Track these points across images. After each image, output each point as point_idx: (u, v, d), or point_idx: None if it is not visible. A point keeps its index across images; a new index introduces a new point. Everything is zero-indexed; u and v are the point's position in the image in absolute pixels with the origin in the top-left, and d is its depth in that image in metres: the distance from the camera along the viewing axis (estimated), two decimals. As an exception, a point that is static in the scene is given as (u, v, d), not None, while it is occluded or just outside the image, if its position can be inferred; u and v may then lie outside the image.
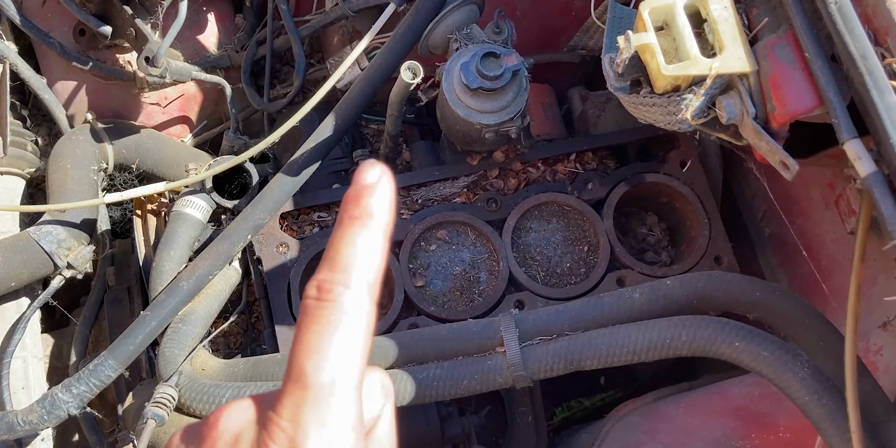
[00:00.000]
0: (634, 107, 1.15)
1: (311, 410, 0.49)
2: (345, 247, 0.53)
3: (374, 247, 0.53)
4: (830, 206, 1.58)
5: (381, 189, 0.54)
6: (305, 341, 0.51)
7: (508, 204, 1.64)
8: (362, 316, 0.52)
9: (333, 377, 0.50)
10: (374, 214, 0.53)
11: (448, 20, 1.52)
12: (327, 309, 0.51)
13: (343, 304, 0.51)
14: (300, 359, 0.50)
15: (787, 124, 1.00)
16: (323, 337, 0.51)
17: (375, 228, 0.53)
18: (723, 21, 1.01)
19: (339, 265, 0.53)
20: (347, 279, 0.52)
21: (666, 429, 1.62)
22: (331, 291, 0.52)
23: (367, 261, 0.53)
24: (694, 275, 1.36)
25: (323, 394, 0.50)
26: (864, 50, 0.90)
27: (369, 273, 0.53)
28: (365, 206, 0.54)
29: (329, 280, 0.52)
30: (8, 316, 1.67)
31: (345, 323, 0.51)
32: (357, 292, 0.52)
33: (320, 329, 0.51)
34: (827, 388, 1.17)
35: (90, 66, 1.80)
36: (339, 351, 0.51)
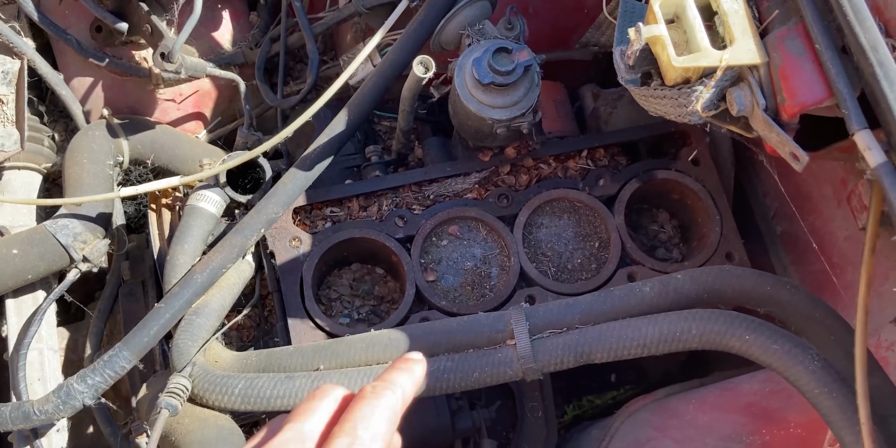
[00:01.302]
0: (645, 99, 1.15)
1: None
2: (394, 374, 0.74)
3: (409, 383, 0.74)
4: (842, 203, 1.58)
5: (419, 364, 0.76)
6: (357, 408, 0.69)
7: (520, 200, 1.65)
8: (396, 410, 0.71)
9: (374, 435, 0.68)
10: (413, 370, 0.76)
11: (460, 16, 1.53)
12: (377, 395, 0.70)
13: (386, 396, 0.71)
14: (353, 419, 0.68)
15: (797, 116, 1.01)
16: (372, 409, 0.69)
17: (414, 377, 0.75)
18: (733, 13, 1.01)
19: (388, 380, 0.73)
20: (393, 387, 0.72)
21: (676, 425, 1.62)
22: (382, 388, 0.72)
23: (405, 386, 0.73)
24: (704, 269, 1.36)
25: (366, 444, 0.66)
26: (875, 41, 0.91)
27: (406, 392, 0.73)
28: (409, 363, 0.76)
29: (380, 386, 0.72)
30: (24, 308, 1.69)
31: (386, 405, 0.70)
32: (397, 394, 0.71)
33: (370, 404, 0.69)
34: (837, 382, 1.17)
35: (106, 62, 1.82)
36: (380, 420, 0.69)
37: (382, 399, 0.70)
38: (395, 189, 1.67)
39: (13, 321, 1.68)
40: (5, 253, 1.60)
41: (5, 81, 1.74)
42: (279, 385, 1.36)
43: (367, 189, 1.65)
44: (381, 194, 1.67)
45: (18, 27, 1.80)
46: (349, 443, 0.66)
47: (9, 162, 1.79)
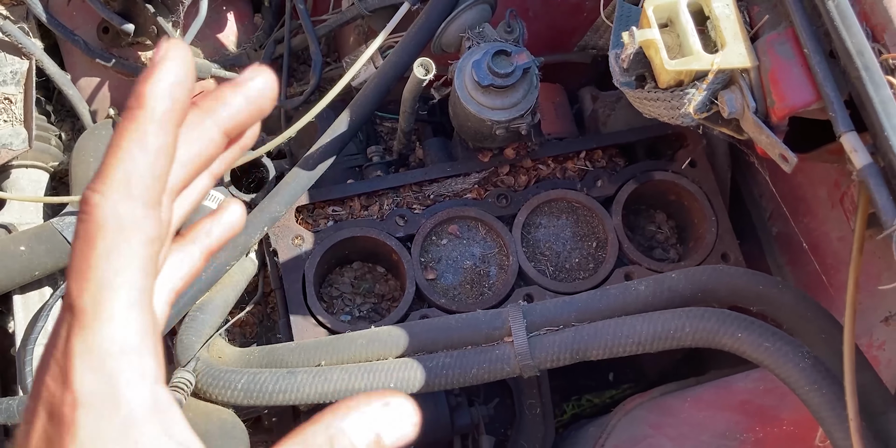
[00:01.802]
0: (639, 101, 1.18)
1: (78, 337, 0.44)
2: (110, 149, 0.46)
3: (144, 145, 0.46)
4: (836, 205, 1.60)
5: (164, 68, 0.46)
6: (72, 264, 0.45)
7: (518, 200, 1.68)
8: (122, 226, 0.45)
9: (95, 300, 0.44)
10: (146, 104, 0.46)
11: (461, 19, 1.56)
12: (85, 223, 0.45)
13: (98, 217, 0.45)
14: (68, 283, 0.45)
15: (786, 118, 1.03)
16: (82, 256, 0.45)
17: (147, 121, 0.46)
18: (724, 18, 1.04)
19: (100, 171, 0.46)
20: (103, 186, 0.45)
21: (672, 422, 1.64)
22: (87, 203, 0.45)
23: (130, 162, 0.45)
24: (698, 268, 1.39)
25: (87, 318, 0.44)
26: (861, 46, 0.93)
27: (133, 174, 0.45)
28: (139, 93, 0.46)
29: (88, 189, 0.46)
30: (31, 304, 1.72)
31: (102, 237, 0.45)
32: (112, 199, 0.45)
33: (80, 248, 0.45)
34: (827, 379, 1.19)
35: (113, 63, 1.85)
36: (97, 270, 0.44)
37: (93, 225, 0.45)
38: (396, 189, 1.69)
39: (20, 317, 1.70)
40: (13, 249, 1.63)
41: (14, 81, 1.77)
42: (281, 380, 1.39)
43: (368, 189, 1.68)
44: (383, 194, 1.69)
45: (27, 28, 1.83)
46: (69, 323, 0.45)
47: (17, 160, 1.82)
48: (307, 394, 1.38)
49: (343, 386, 1.38)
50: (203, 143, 0.51)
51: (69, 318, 0.45)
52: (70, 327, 0.44)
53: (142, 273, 0.45)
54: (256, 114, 0.52)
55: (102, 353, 0.44)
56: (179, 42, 0.48)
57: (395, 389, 0.48)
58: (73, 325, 0.44)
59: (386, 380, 1.37)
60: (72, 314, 0.44)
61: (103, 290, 0.44)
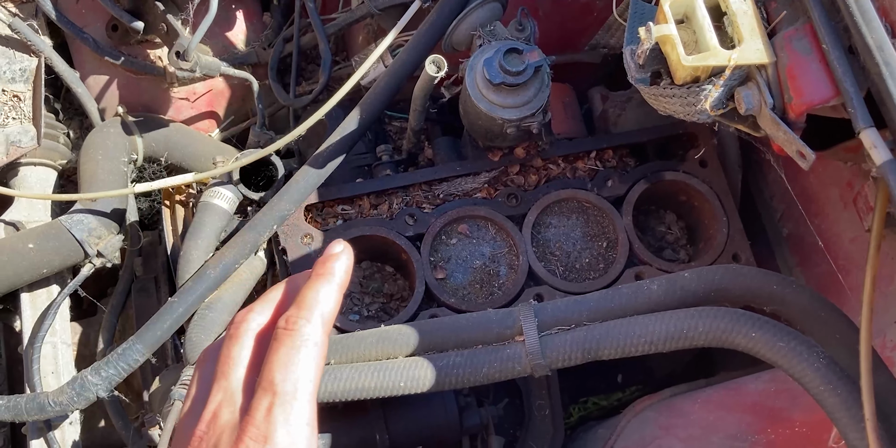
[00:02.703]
0: (654, 98, 1.17)
1: (279, 411, 0.65)
2: (310, 293, 0.72)
3: (331, 296, 0.72)
4: (849, 205, 1.59)
5: (342, 257, 0.75)
6: (275, 359, 0.68)
7: (529, 199, 1.67)
8: (318, 342, 0.69)
9: (296, 386, 0.66)
10: (335, 274, 0.73)
11: (472, 17, 1.55)
12: (292, 336, 0.69)
13: (304, 333, 0.69)
14: (271, 372, 0.67)
15: (804, 114, 1.02)
16: (289, 356, 0.68)
17: (334, 283, 0.73)
18: (742, 13, 1.03)
19: (304, 306, 0.71)
20: (309, 315, 0.70)
21: (682, 424, 1.63)
22: (296, 323, 0.69)
23: (324, 305, 0.71)
24: (711, 268, 1.38)
25: (288, 398, 0.66)
26: (881, 41, 0.92)
27: (325, 313, 0.71)
28: (329, 267, 0.73)
29: (295, 315, 0.70)
30: (39, 302, 1.71)
31: (305, 346, 0.68)
32: (315, 325, 0.70)
33: (287, 351, 0.68)
34: (842, 379, 1.18)
35: (122, 61, 1.85)
36: (300, 367, 0.67)
37: (298, 339, 0.69)
38: (406, 188, 1.69)
39: (28, 315, 1.70)
40: (21, 247, 1.63)
41: (23, 79, 1.77)
42: (290, 379, 1.38)
43: (377, 187, 1.67)
44: (392, 193, 1.69)
45: (36, 25, 1.83)
46: (270, 401, 0.66)
47: (25, 158, 1.82)
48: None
49: (353, 384, 1.37)
50: None
51: (269, 397, 0.66)
52: (272, 404, 0.66)
53: (318, 371, 0.69)
54: None
55: (296, 423, 0.66)
56: (348, 244, 0.77)
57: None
58: (276, 402, 0.66)
59: (396, 378, 1.36)
60: (274, 394, 0.66)
61: (303, 380, 0.67)
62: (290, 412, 0.66)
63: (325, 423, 1.56)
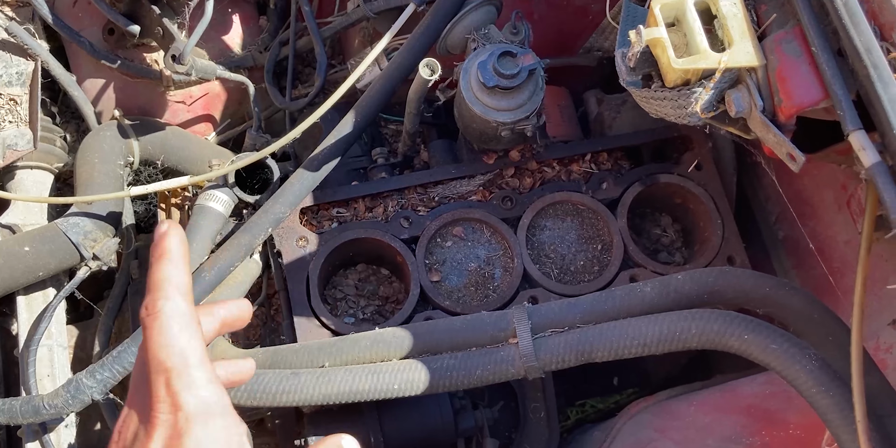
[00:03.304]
0: (646, 101, 1.18)
1: (177, 381, 0.69)
2: (156, 276, 0.73)
3: (178, 270, 0.73)
4: (842, 208, 1.59)
5: (171, 233, 0.76)
6: (151, 344, 0.70)
7: (523, 202, 1.67)
8: (184, 312, 0.71)
9: (183, 356, 0.69)
10: (171, 250, 0.74)
11: (466, 20, 1.56)
12: (157, 317, 0.70)
13: (167, 310, 0.70)
14: (155, 356, 0.69)
15: (793, 117, 1.03)
16: (162, 335, 0.70)
17: (174, 259, 0.74)
18: (732, 16, 1.03)
19: (155, 288, 0.72)
20: (163, 294, 0.71)
21: (677, 426, 1.63)
22: (154, 305, 0.71)
23: (174, 279, 0.72)
24: (705, 270, 1.38)
25: (179, 369, 0.69)
26: (869, 44, 0.93)
27: (179, 285, 0.72)
28: (163, 247, 0.75)
29: (151, 300, 0.71)
30: (35, 305, 1.71)
31: (173, 320, 0.70)
32: (173, 299, 0.71)
33: (158, 332, 0.70)
34: (834, 381, 1.19)
35: (118, 64, 1.85)
36: (177, 339, 0.70)
37: (163, 317, 0.70)
38: (401, 190, 1.69)
39: (24, 318, 1.70)
40: (17, 250, 1.63)
41: (19, 82, 1.77)
42: (284, 381, 1.38)
43: (373, 190, 1.67)
44: (387, 196, 1.69)
45: (33, 29, 1.83)
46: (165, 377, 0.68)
47: (21, 161, 1.82)
48: (311, 395, 1.37)
49: (347, 387, 1.37)
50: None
51: (164, 374, 0.68)
52: (168, 378, 0.68)
53: (201, 341, 0.71)
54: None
55: (196, 386, 0.69)
56: (173, 221, 0.76)
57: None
58: (171, 376, 0.68)
59: (390, 381, 1.36)
60: (166, 371, 0.69)
61: (185, 351, 0.69)
62: (188, 379, 0.69)
63: (320, 425, 1.57)
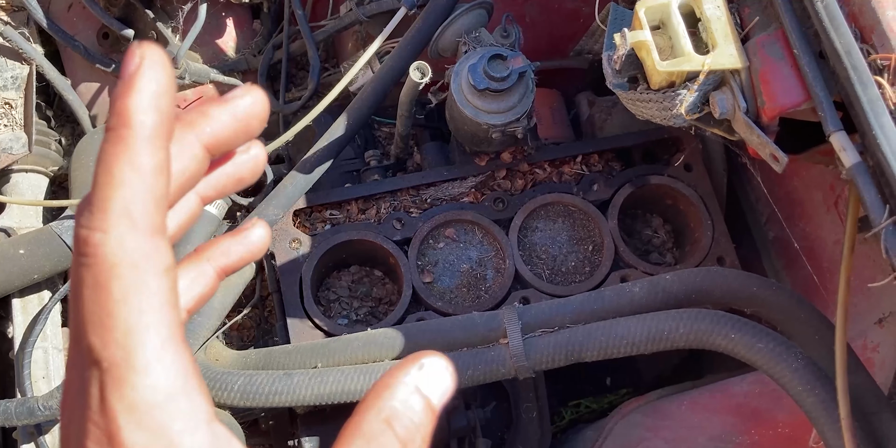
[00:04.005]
0: (632, 103, 1.19)
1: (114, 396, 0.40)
2: (100, 177, 0.40)
3: (138, 167, 0.40)
4: (831, 209, 1.61)
5: (144, 79, 0.41)
6: (83, 315, 0.40)
7: (515, 204, 1.68)
8: (135, 264, 0.40)
9: (125, 349, 0.40)
10: (131, 122, 0.40)
11: (457, 24, 1.57)
12: (90, 267, 0.40)
13: (106, 257, 0.40)
14: (85, 338, 0.40)
15: (776, 118, 1.04)
16: (97, 304, 0.40)
17: (135, 140, 0.40)
18: (715, 20, 1.05)
19: (95, 205, 0.40)
20: (104, 223, 0.40)
21: (668, 425, 1.65)
22: (88, 244, 0.40)
23: (127, 189, 0.40)
24: (692, 270, 1.40)
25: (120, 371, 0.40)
26: (849, 46, 0.94)
27: (133, 205, 0.40)
28: (120, 110, 0.41)
29: (85, 227, 0.40)
30: (30, 308, 1.72)
31: (116, 279, 0.40)
32: (117, 236, 0.40)
33: (91, 296, 0.40)
34: (819, 379, 1.20)
35: (113, 68, 1.87)
36: (119, 317, 0.40)
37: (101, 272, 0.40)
38: (394, 192, 1.70)
39: (19, 320, 1.71)
40: (12, 253, 1.64)
41: (14, 86, 1.78)
42: (278, 382, 1.40)
43: (365, 192, 1.69)
44: (380, 198, 1.70)
45: (28, 33, 1.84)
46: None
47: (17, 165, 1.83)
48: (303, 395, 1.38)
49: (339, 387, 1.38)
50: (185, 158, 0.46)
51: (97, 374, 0.40)
52: (102, 384, 0.39)
53: (167, 307, 0.41)
54: (243, 132, 0.49)
55: (146, 406, 0.39)
56: (152, 45, 0.41)
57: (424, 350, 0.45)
58: (106, 382, 0.39)
59: (382, 381, 1.37)
60: (100, 369, 0.39)
61: (130, 336, 0.39)
62: (130, 394, 0.39)
63: (313, 425, 1.58)
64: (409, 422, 0.45)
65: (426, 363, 0.47)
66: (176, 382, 0.40)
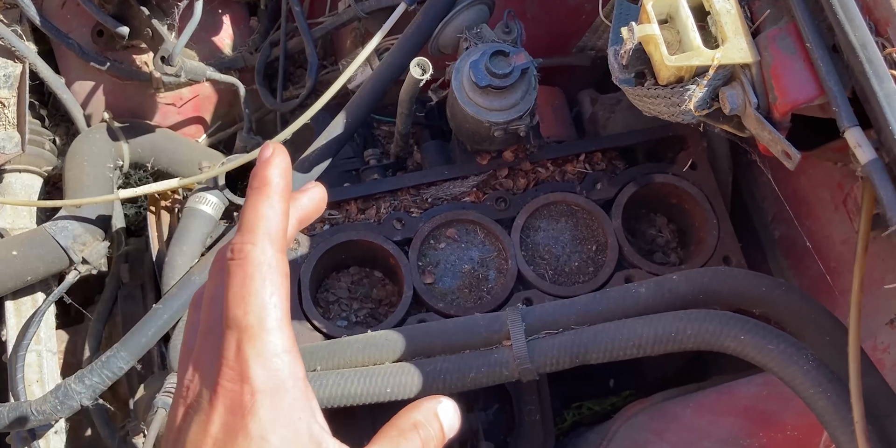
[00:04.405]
0: (639, 99, 1.16)
1: (248, 346, 0.60)
2: (250, 214, 0.64)
3: (274, 209, 0.65)
4: (839, 207, 1.58)
5: (275, 161, 0.66)
6: (231, 294, 0.62)
7: (517, 203, 1.66)
8: (272, 264, 0.63)
9: (260, 317, 0.61)
10: (271, 183, 0.65)
11: (458, 20, 1.54)
12: (241, 265, 0.62)
13: (253, 259, 0.62)
14: (230, 309, 0.61)
15: (788, 114, 1.01)
16: (244, 287, 0.61)
17: (274, 194, 0.65)
18: (725, 13, 1.02)
19: (246, 229, 0.64)
20: (253, 238, 0.63)
21: (674, 428, 1.62)
22: (241, 250, 0.63)
23: (269, 221, 0.64)
24: (700, 270, 1.37)
25: (254, 331, 0.61)
26: (864, 39, 0.91)
27: (271, 231, 0.64)
28: (263, 177, 0.66)
29: (239, 242, 0.63)
30: (24, 310, 1.70)
31: (258, 272, 0.62)
32: (262, 247, 0.63)
33: (240, 282, 0.62)
34: (832, 381, 1.17)
35: (108, 66, 1.84)
36: (258, 295, 0.61)
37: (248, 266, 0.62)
38: (394, 192, 1.67)
39: (12, 323, 1.69)
40: (5, 254, 1.62)
41: (7, 85, 1.75)
42: (275, 385, 1.36)
43: (365, 192, 1.66)
44: (380, 197, 1.68)
45: (20, 31, 1.82)
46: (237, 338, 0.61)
47: (10, 165, 1.81)
48: (302, 399, 1.35)
49: (339, 391, 1.35)
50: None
51: (236, 334, 0.60)
52: (239, 341, 0.60)
53: (285, 298, 0.63)
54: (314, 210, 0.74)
55: (270, 354, 0.60)
56: (279, 145, 0.68)
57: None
58: (243, 338, 0.60)
59: (383, 384, 1.34)
60: (239, 330, 0.60)
61: (264, 309, 0.61)
62: (261, 345, 0.61)
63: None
64: (429, 431, 0.66)
65: (443, 400, 0.68)
66: (287, 342, 0.62)
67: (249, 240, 0.63)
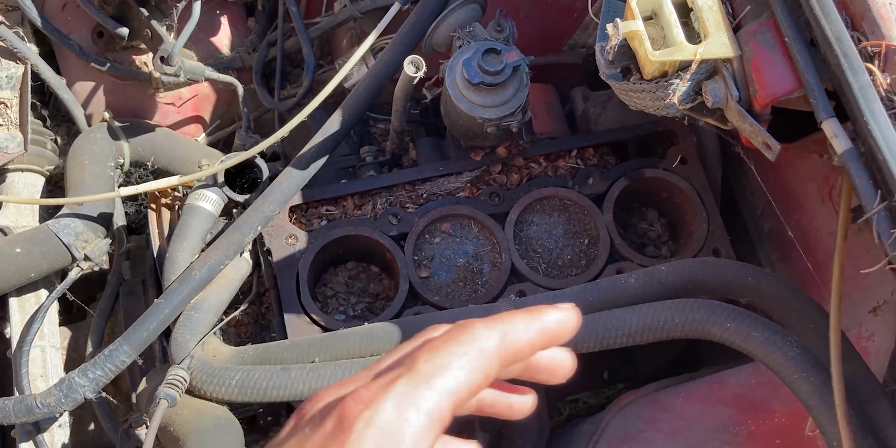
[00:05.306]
0: (625, 94, 1.19)
1: (402, 383, 0.54)
2: (506, 316, 0.59)
3: (527, 332, 0.59)
4: (826, 200, 1.62)
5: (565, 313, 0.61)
6: (430, 344, 0.57)
7: (511, 198, 1.69)
8: (489, 353, 0.56)
9: (436, 371, 0.54)
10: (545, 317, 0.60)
11: (451, 18, 1.57)
12: (463, 330, 0.57)
13: (476, 335, 0.57)
14: (419, 353, 0.56)
15: (768, 106, 1.05)
16: (446, 344, 0.56)
17: (536, 324, 0.59)
18: (707, 9, 1.06)
19: (493, 321, 0.59)
20: (492, 328, 0.57)
21: (666, 417, 1.65)
22: (473, 324, 0.58)
23: (514, 334, 0.58)
24: (688, 261, 1.40)
25: (419, 377, 0.54)
26: (840, 33, 0.95)
27: (509, 341, 0.57)
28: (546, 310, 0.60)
29: (476, 322, 0.58)
30: (27, 307, 1.73)
31: (470, 345, 0.56)
32: (492, 338, 0.57)
33: (446, 339, 0.57)
34: (815, 367, 1.20)
35: (108, 67, 1.87)
36: (452, 357, 0.55)
37: (468, 334, 0.57)
38: (389, 188, 1.71)
39: (16, 319, 1.71)
40: (9, 252, 1.64)
41: (9, 86, 1.78)
42: (275, 376, 1.40)
43: (361, 188, 1.69)
44: (376, 193, 1.71)
45: (22, 33, 1.85)
46: (398, 373, 0.55)
47: (12, 164, 1.83)
48: (301, 390, 1.39)
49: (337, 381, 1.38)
50: None
51: (401, 370, 0.55)
52: (398, 375, 0.54)
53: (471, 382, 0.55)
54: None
55: (413, 403, 0.53)
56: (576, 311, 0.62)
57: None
58: (403, 375, 0.54)
59: (379, 375, 1.37)
60: (408, 369, 0.54)
61: (445, 369, 0.54)
62: (413, 390, 0.53)
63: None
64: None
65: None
66: (436, 414, 0.53)
67: (489, 325, 0.58)
